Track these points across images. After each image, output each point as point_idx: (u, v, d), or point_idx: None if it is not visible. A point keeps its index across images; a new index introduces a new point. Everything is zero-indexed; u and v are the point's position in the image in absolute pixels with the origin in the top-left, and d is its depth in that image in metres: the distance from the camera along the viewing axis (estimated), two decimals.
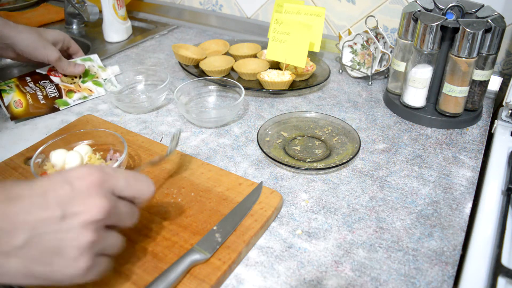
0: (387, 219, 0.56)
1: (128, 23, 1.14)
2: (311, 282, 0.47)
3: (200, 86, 0.82)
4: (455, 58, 0.70)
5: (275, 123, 0.73)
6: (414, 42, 0.73)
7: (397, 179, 0.63)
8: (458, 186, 0.62)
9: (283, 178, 0.63)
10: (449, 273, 0.48)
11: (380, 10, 1.00)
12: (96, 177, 0.38)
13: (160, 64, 0.99)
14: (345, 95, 0.87)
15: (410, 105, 0.78)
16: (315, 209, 0.57)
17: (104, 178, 0.38)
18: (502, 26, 0.68)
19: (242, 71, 0.87)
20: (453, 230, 0.54)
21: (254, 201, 0.55)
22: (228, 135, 0.73)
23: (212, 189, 0.58)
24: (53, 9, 1.32)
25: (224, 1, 1.24)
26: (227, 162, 0.66)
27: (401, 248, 0.51)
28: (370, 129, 0.75)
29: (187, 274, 0.45)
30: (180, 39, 1.14)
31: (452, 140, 0.72)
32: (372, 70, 0.89)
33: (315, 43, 0.91)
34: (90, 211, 0.37)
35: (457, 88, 0.72)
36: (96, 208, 0.37)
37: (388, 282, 0.47)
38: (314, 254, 0.50)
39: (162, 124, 0.76)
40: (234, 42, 1.03)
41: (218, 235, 0.49)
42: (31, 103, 0.77)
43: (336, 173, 0.64)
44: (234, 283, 0.47)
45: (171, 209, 0.54)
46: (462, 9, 0.73)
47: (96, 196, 0.37)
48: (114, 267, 0.46)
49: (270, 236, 0.53)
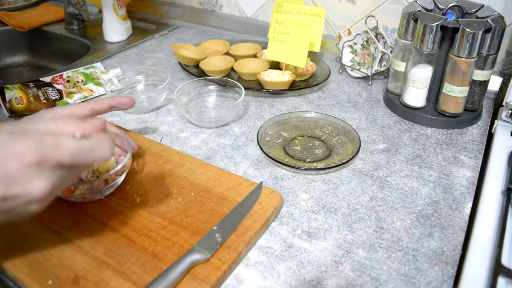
0: (387, 219, 0.56)
1: (128, 23, 1.14)
2: (311, 282, 0.47)
3: (200, 86, 0.82)
4: (455, 58, 0.70)
5: (275, 123, 0.73)
6: (414, 42, 0.73)
7: (397, 179, 0.63)
8: (458, 186, 0.62)
9: (283, 178, 0.63)
10: (449, 273, 0.48)
11: (380, 10, 1.00)
12: (33, 157, 0.34)
13: (160, 64, 0.99)
14: (345, 95, 0.87)
15: (410, 105, 0.78)
16: (315, 209, 0.57)
17: (43, 156, 0.35)
18: (502, 26, 0.68)
19: (242, 71, 0.87)
20: (453, 230, 0.54)
21: (254, 201, 0.55)
22: (228, 135, 0.73)
23: (212, 189, 0.58)
24: (53, 9, 1.32)
25: (224, 1, 1.24)
26: (227, 162, 0.66)
27: (401, 248, 0.51)
28: (370, 129, 0.75)
29: (187, 274, 0.45)
30: (180, 39, 1.14)
31: (452, 140, 0.72)
32: (372, 70, 0.89)
33: (315, 43, 0.91)
34: (30, 194, 0.35)
35: (457, 88, 0.72)
36: (37, 191, 0.35)
37: (388, 282, 0.47)
38: (314, 254, 0.50)
39: (162, 124, 0.76)
40: (234, 42, 1.03)
41: (218, 235, 0.49)
42: (32, 101, 0.77)
43: (336, 173, 0.64)
44: (234, 283, 0.47)
45: (171, 209, 0.54)
46: (462, 9, 0.73)
47: (35, 178, 0.35)
48: (114, 267, 0.46)
49: (270, 236, 0.53)
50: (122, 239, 0.50)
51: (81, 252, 0.48)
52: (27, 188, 0.35)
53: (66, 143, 0.36)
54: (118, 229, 0.51)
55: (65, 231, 0.51)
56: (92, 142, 0.37)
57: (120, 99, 0.58)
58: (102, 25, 1.11)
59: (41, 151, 0.35)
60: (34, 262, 0.47)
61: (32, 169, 0.35)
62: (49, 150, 0.35)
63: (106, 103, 0.57)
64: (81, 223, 0.52)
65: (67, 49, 1.20)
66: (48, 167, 0.35)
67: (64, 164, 0.36)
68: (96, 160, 0.38)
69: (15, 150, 0.34)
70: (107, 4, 1.07)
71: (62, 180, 0.37)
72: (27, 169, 0.35)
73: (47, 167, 0.35)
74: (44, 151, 0.35)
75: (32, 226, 0.52)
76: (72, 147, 0.36)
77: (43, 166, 0.35)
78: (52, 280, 0.45)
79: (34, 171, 0.35)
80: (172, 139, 0.72)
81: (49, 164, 0.35)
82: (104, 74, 0.90)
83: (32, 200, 0.36)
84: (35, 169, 0.35)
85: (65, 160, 0.36)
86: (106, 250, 0.48)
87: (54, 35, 1.21)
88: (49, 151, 0.35)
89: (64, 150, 0.36)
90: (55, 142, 0.35)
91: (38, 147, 0.35)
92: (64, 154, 0.36)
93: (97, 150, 0.37)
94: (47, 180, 0.36)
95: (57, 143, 0.36)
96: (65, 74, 0.87)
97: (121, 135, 0.59)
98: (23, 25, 1.20)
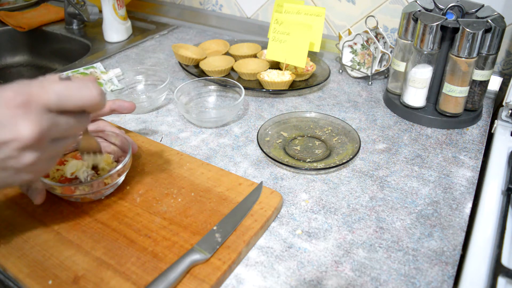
0: (387, 219, 0.56)
1: (128, 23, 1.14)
2: (311, 282, 0.47)
3: (200, 86, 0.82)
4: (455, 58, 0.70)
5: (275, 123, 0.73)
6: (414, 42, 0.73)
7: (397, 179, 0.63)
8: (458, 186, 0.62)
9: (283, 178, 0.63)
10: (449, 273, 0.48)
11: (380, 10, 1.00)
12: (19, 99, 0.34)
13: (160, 64, 0.99)
14: (345, 95, 0.87)
15: (410, 105, 0.78)
16: (315, 209, 0.57)
17: (29, 98, 0.35)
18: (502, 26, 0.68)
19: (242, 71, 0.87)
20: (453, 230, 0.54)
21: (254, 201, 0.55)
22: (228, 135, 0.73)
23: (212, 189, 0.58)
24: (53, 9, 1.32)
25: (224, 1, 1.24)
26: (227, 162, 0.66)
27: (401, 248, 0.51)
28: (370, 129, 0.75)
29: (187, 274, 0.45)
30: (180, 39, 1.14)
31: (452, 140, 0.72)
32: (372, 70, 0.89)
33: (315, 43, 0.91)
34: (19, 139, 0.35)
35: (457, 88, 0.72)
36: (25, 134, 0.35)
37: (388, 282, 0.47)
38: (314, 254, 0.50)
39: (162, 124, 0.76)
40: (234, 42, 1.03)
41: (218, 235, 0.49)
42: None
43: (336, 173, 0.64)
44: (234, 283, 0.47)
45: (171, 209, 0.54)
46: (462, 9, 0.73)
47: (23, 120, 0.34)
48: (114, 267, 0.46)
49: (270, 236, 0.53)
50: (122, 239, 0.50)
51: (81, 252, 0.48)
52: (15, 131, 0.34)
53: (52, 84, 0.36)
54: (118, 229, 0.51)
55: (65, 231, 0.51)
56: (78, 83, 0.37)
57: (121, 103, 0.58)
58: (102, 25, 1.11)
59: (27, 92, 0.35)
60: (34, 262, 0.47)
61: (19, 110, 0.34)
62: (35, 92, 0.35)
63: (107, 106, 0.57)
64: (81, 223, 0.52)
65: (67, 49, 1.20)
66: (36, 108, 0.35)
67: (51, 107, 0.36)
68: (84, 101, 0.37)
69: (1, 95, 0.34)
70: (107, 4, 1.07)
71: (52, 127, 0.36)
72: (13, 111, 0.34)
73: (34, 109, 0.35)
74: (30, 92, 0.35)
75: (32, 226, 0.52)
76: (59, 87, 0.36)
77: (30, 107, 0.35)
78: (52, 280, 0.45)
79: (21, 113, 0.34)
80: (172, 139, 0.72)
81: (36, 105, 0.35)
82: (104, 74, 0.90)
83: (22, 146, 0.35)
84: (22, 111, 0.34)
85: (52, 101, 0.35)
86: (106, 250, 0.48)
87: (54, 35, 1.21)
88: (35, 92, 0.35)
89: (50, 90, 0.35)
90: (40, 84, 0.36)
91: (24, 90, 0.35)
92: (51, 94, 0.35)
93: (84, 89, 0.37)
94: (35, 122, 0.35)
95: (43, 85, 0.36)
96: (65, 75, 0.87)
97: (121, 135, 0.59)
98: (23, 25, 1.20)
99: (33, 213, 0.53)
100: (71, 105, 0.37)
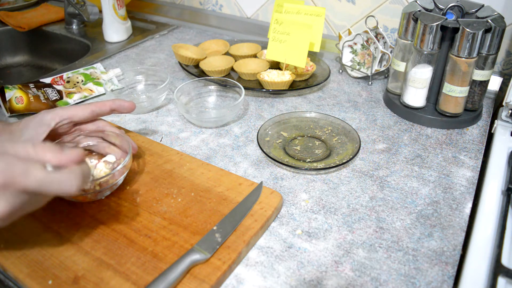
0: (387, 219, 0.56)
1: (128, 23, 1.14)
2: (311, 282, 0.47)
3: (200, 86, 0.82)
4: (455, 58, 0.70)
5: (275, 123, 0.73)
6: (414, 42, 0.73)
7: (397, 179, 0.63)
8: (458, 186, 0.62)
9: (283, 178, 0.63)
10: (449, 273, 0.48)
11: (380, 10, 1.00)
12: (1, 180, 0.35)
13: (160, 64, 0.99)
14: (345, 95, 0.87)
15: (410, 105, 0.78)
16: (315, 209, 0.57)
17: (10, 181, 0.36)
18: (502, 26, 0.68)
19: (242, 71, 0.87)
20: (453, 230, 0.54)
21: (254, 201, 0.55)
22: (228, 135, 0.73)
23: (212, 189, 0.58)
24: (53, 9, 1.32)
25: (224, 1, 1.24)
26: (227, 162, 0.66)
27: (401, 248, 0.51)
28: (370, 129, 0.75)
29: (187, 274, 0.45)
30: (180, 39, 1.14)
31: (452, 140, 0.72)
32: (372, 70, 0.89)
33: (315, 43, 0.91)
34: None
35: (457, 88, 0.72)
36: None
37: (388, 282, 0.47)
38: (314, 254, 0.50)
39: (162, 124, 0.76)
40: (234, 42, 1.03)
41: (218, 235, 0.49)
42: (32, 101, 0.77)
43: (336, 173, 0.64)
44: (234, 283, 0.47)
45: (171, 209, 0.54)
46: (462, 9, 0.73)
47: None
48: (114, 267, 0.46)
49: (270, 236, 0.53)
50: (122, 239, 0.50)
51: (81, 252, 0.48)
52: None
53: (35, 171, 0.36)
54: (118, 229, 0.51)
55: (65, 231, 0.51)
56: (62, 176, 0.38)
57: (121, 103, 0.58)
58: (102, 25, 1.11)
59: (8, 175, 0.35)
60: (34, 262, 0.47)
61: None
62: (17, 175, 0.36)
63: (107, 105, 0.57)
64: (81, 223, 0.52)
65: (67, 49, 1.20)
66: (13, 191, 0.36)
67: (29, 191, 0.37)
68: (61, 192, 0.38)
69: None
70: (107, 4, 1.07)
71: (24, 205, 0.38)
72: None
73: (11, 191, 0.36)
74: (11, 175, 0.35)
75: (32, 226, 0.52)
76: (41, 176, 0.37)
77: (7, 189, 0.36)
78: (52, 280, 0.45)
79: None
80: (172, 139, 0.72)
81: (14, 188, 0.36)
82: (104, 74, 0.90)
83: None
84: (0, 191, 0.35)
85: (31, 187, 0.36)
86: (106, 250, 0.48)
87: (54, 35, 1.21)
88: (16, 176, 0.36)
89: (32, 177, 0.36)
90: (25, 168, 0.36)
91: (6, 171, 0.35)
92: (32, 181, 0.36)
93: (64, 183, 0.38)
94: (7, 204, 0.36)
95: (27, 170, 0.36)
96: (65, 75, 0.87)
97: (122, 136, 0.59)
98: (23, 25, 1.20)
99: (33, 213, 0.53)
100: (48, 193, 0.38)
